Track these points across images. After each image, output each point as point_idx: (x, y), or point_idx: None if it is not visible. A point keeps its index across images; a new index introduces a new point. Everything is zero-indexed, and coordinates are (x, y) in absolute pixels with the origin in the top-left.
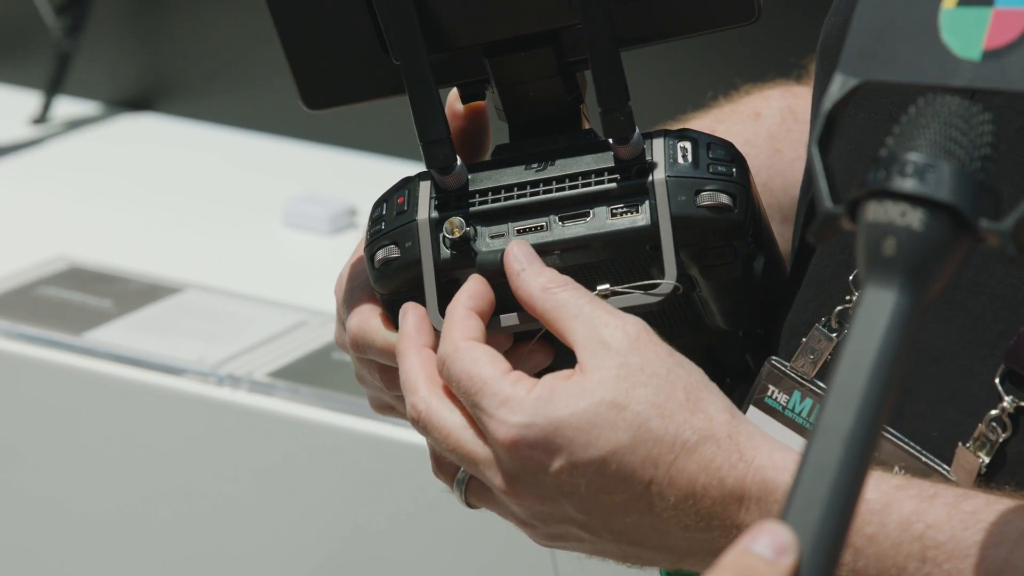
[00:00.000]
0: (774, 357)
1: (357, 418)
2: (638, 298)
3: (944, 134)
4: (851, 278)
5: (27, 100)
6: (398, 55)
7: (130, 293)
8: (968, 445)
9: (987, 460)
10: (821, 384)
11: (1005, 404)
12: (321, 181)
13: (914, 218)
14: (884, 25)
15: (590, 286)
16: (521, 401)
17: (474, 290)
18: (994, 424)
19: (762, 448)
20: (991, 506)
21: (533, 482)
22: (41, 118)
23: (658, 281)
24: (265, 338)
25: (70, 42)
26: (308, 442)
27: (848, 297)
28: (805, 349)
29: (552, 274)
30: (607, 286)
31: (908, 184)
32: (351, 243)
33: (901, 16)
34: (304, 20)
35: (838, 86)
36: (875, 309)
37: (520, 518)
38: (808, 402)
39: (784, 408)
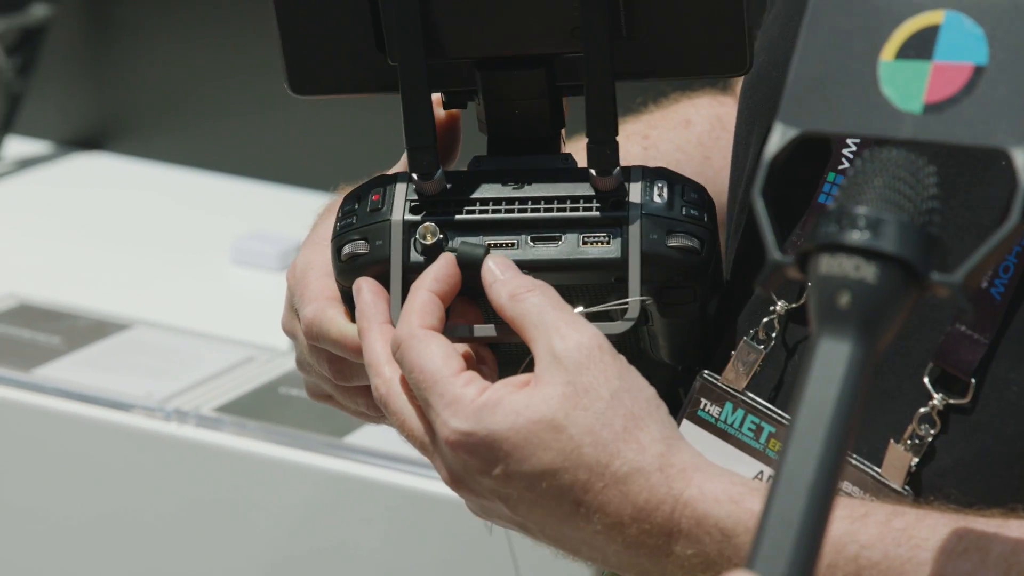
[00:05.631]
0: (706, 371)
1: (304, 452)
2: (600, 327)
3: (892, 187)
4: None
5: None
6: (397, 58)
7: (79, 330)
8: (899, 443)
9: (916, 460)
10: (751, 395)
11: (935, 402)
12: (270, 218)
13: (868, 272)
14: (823, 75)
15: None
16: (467, 406)
17: (441, 273)
18: (924, 423)
19: (694, 480)
20: (921, 522)
21: (472, 482)
22: None
23: (626, 301)
24: (213, 373)
25: (20, 82)
26: (255, 476)
27: (772, 308)
28: (735, 361)
29: (522, 281)
30: (581, 308)
31: (861, 238)
32: None
33: (839, 66)
34: (303, 7)
35: (778, 136)
36: (831, 360)
37: (468, 506)
38: (740, 413)
39: (716, 420)
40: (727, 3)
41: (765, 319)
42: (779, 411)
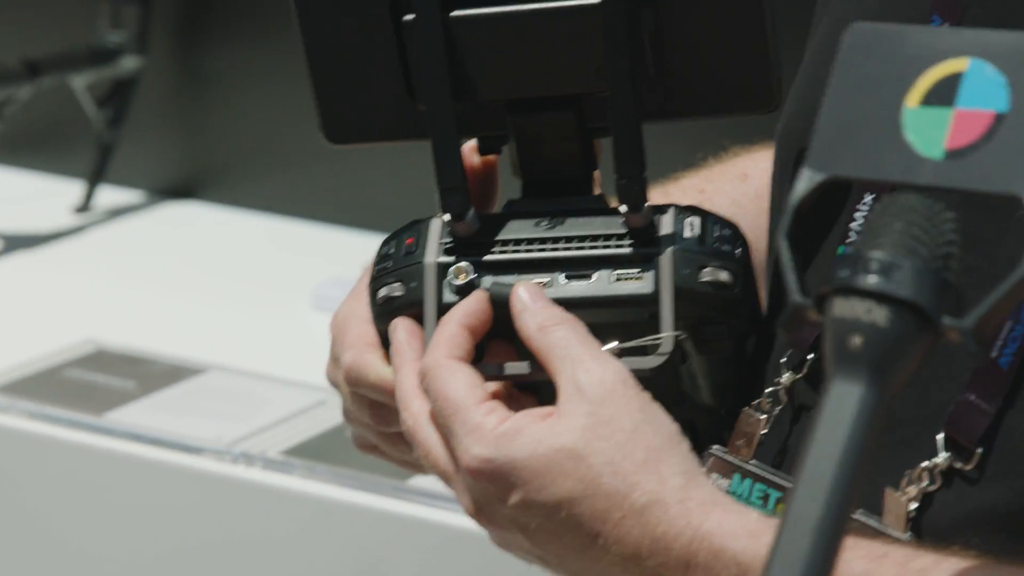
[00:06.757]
0: (714, 446)
1: (369, 494)
2: (634, 362)
3: (907, 232)
4: (783, 360)
5: (70, 189)
6: (425, 101)
7: (153, 375)
8: (897, 492)
9: (915, 506)
10: (756, 463)
11: (939, 460)
12: (352, 264)
13: (879, 315)
14: (850, 121)
15: None
16: (487, 433)
17: (472, 308)
18: (924, 473)
19: (712, 514)
20: (939, 565)
21: (492, 511)
22: (84, 207)
23: (659, 336)
24: (283, 416)
25: (112, 133)
26: (321, 518)
27: (777, 379)
28: (738, 433)
29: (551, 312)
30: (616, 344)
31: (873, 282)
32: None
33: (866, 113)
34: (335, 57)
35: (805, 181)
36: (842, 402)
37: (491, 537)
38: (747, 482)
39: (727, 493)
40: (754, 41)
41: (768, 389)
42: (784, 475)
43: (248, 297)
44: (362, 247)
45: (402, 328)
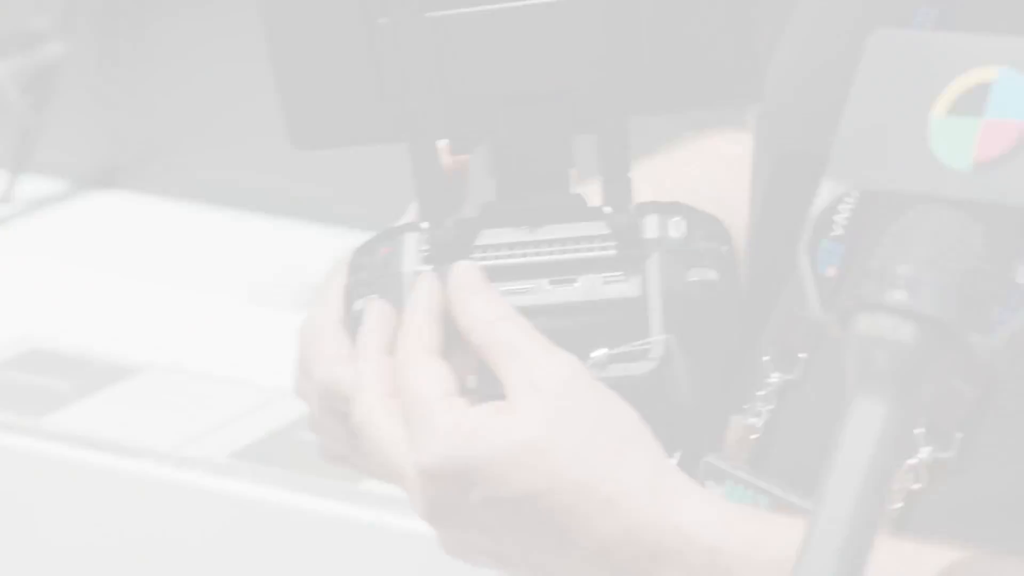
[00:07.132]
0: (710, 454)
1: (320, 498)
2: (625, 368)
3: (934, 247)
4: (766, 358)
5: None
6: (402, 105)
7: (91, 375)
8: None
9: (899, 505)
10: (749, 470)
11: (922, 455)
12: (287, 257)
13: (905, 332)
14: (873, 130)
15: (575, 351)
16: (445, 432)
17: (432, 293)
18: (909, 475)
19: (684, 503)
20: (923, 546)
21: (449, 512)
22: (5, 197)
23: (648, 341)
24: (227, 418)
25: (34, 119)
26: (270, 523)
27: (766, 380)
28: (730, 439)
29: (492, 308)
30: (604, 351)
31: (899, 298)
32: None
33: (890, 122)
34: (303, 60)
35: (827, 192)
36: (866, 423)
37: (443, 542)
38: (740, 489)
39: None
40: (736, 33)
41: (760, 392)
42: (778, 484)
43: (181, 292)
44: (299, 238)
45: (376, 312)
